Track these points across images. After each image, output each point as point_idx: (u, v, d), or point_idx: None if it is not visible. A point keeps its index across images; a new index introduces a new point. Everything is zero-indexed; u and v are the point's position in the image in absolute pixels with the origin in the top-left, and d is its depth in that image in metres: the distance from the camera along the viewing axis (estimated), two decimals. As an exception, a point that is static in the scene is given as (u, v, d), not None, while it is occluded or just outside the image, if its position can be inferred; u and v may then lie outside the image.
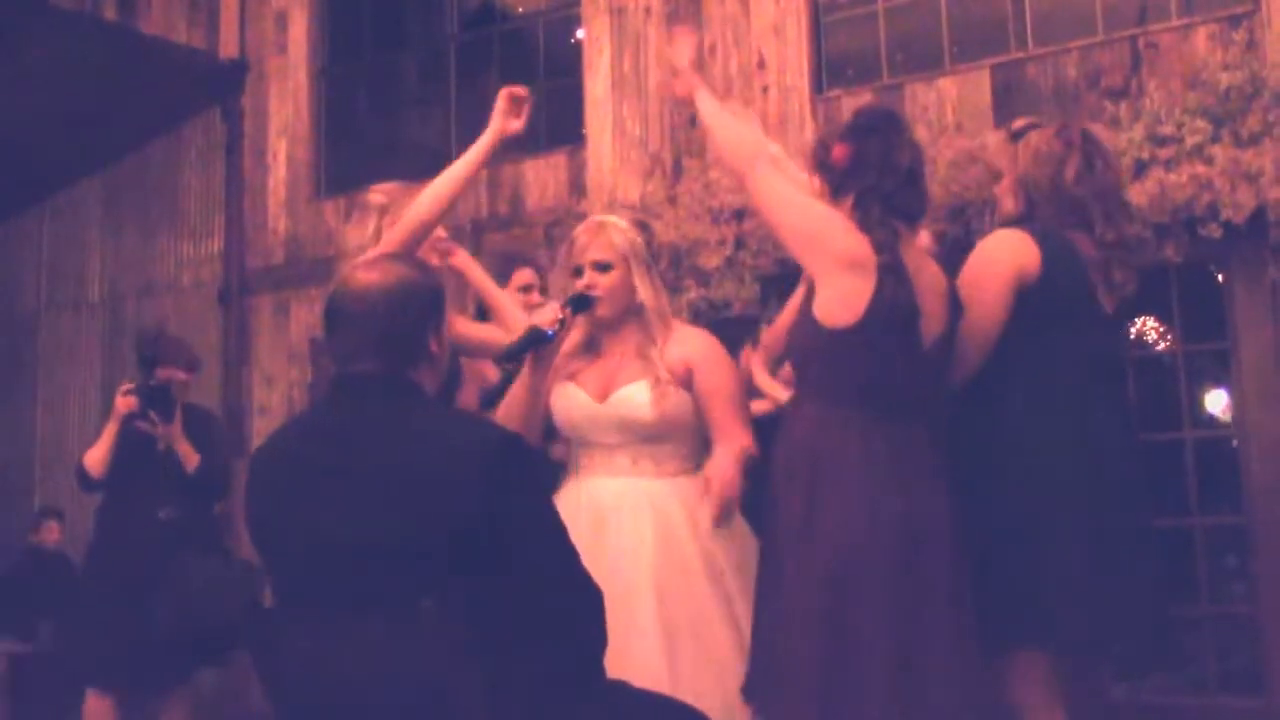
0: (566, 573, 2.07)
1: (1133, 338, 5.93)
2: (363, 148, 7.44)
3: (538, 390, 2.84)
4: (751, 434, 2.86)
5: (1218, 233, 4.49)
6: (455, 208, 3.10)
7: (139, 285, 7.85)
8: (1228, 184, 4.44)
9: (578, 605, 2.07)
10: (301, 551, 2.00)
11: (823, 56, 5.79)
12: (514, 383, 2.91)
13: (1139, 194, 4.49)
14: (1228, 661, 4.81)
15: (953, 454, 2.64)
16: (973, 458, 2.67)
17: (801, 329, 2.63)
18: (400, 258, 2.36)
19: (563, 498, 2.82)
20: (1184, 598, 4.60)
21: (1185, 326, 5.05)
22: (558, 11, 6.77)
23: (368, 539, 1.94)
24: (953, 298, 2.64)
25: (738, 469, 2.63)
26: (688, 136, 5.92)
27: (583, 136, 6.32)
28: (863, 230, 2.51)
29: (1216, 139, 4.54)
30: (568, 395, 2.91)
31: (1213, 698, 4.69)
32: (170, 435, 4.55)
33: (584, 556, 2.13)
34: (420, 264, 2.32)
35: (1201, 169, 4.50)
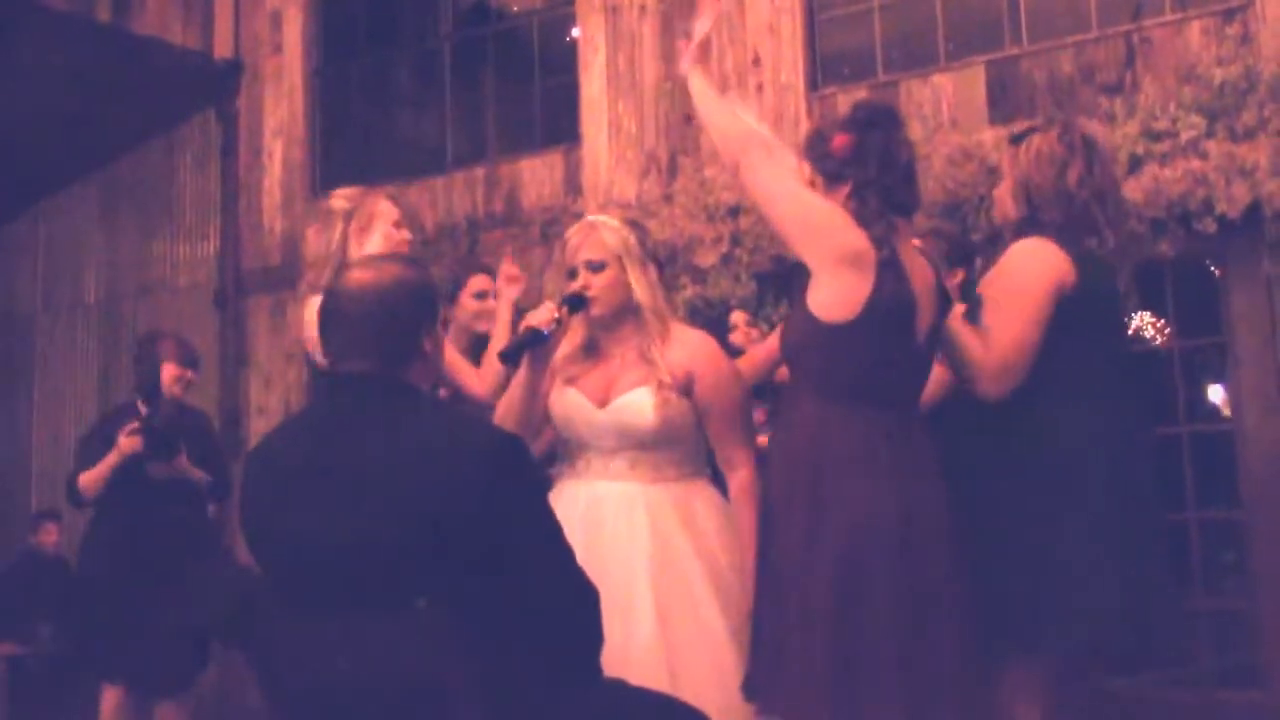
0: (562, 572, 2.07)
1: (1129, 333, 5.93)
2: (358, 148, 7.44)
3: (535, 390, 2.83)
4: (752, 453, 2.86)
5: (1212, 228, 4.49)
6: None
7: (135, 287, 7.84)
8: (1222, 179, 4.44)
9: (574, 605, 2.07)
10: (296, 551, 2.00)
11: (818, 54, 5.79)
12: (511, 382, 2.91)
13: (1134, 189, 4.49)
14: (1225, 656, 4.81)
15: (987, 458, 2.67)
16: (1009, 462, 2.68)
17: (797, 324, 2.62)
18: (395, 256, 2.36)
19: (560, 499, 2.81)
20: (1181, 593, 4.60)
21: (1180, 321, 5.05)
22: (552, 10, 6.77)
23: (362, 538, 1.94)
24: (940, 290, 2.64)
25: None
26: (683, 134, 5.92)
27: (578, 135, 6.32)
28: (859, 223, 2.50)
29: (1211, 134, 4.54)
30: (567, 400, 2.90)
31: (1210, 692, 4.69)
32: (178, 468, 4.56)
33: (580, 558, 2.13)
34: (415, 262, 2.31)
35: (1196, 164, 4.50)
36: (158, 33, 7.39)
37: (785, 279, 5.15)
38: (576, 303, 2.82)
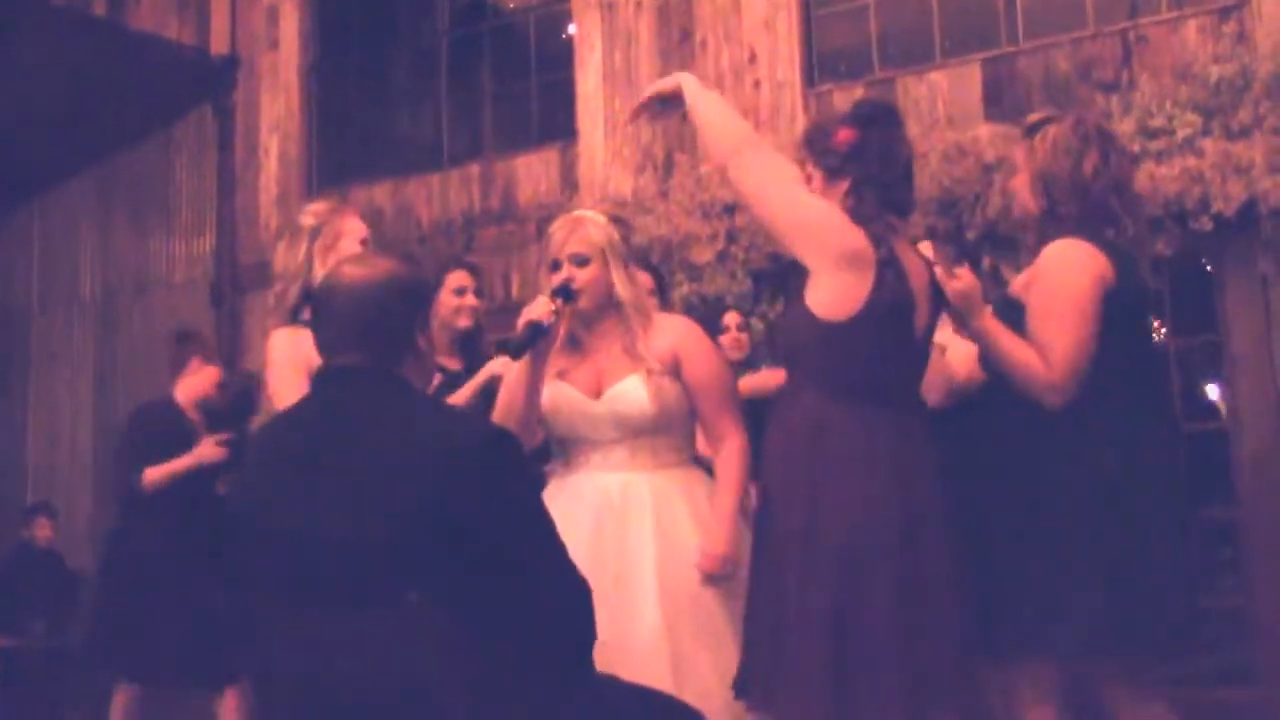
0: (554, 567, 2.06)
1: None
2: (354, 144, 7.44)
3: (537, 384, 2.85)
4: (742, 426, 2.87)
5: (1208, 225, 4.50)
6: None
7: (131, 283, 7.84)
8: (1218, 177, 4.45)
9: (565, 600, 2.06)
10: (287, 546, 2.00)
11: (814, 51, 5.79)
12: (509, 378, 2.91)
13: (1130, 187, 4.49)
14: (1221, 654, 4.81)
15: (1019, 457, 2.67)
16: (1043, 460, 2.66)
17: (795, 321, 2.62)
18: (388, 253, 2.36)
19: (562, 493, 2.82)
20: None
21: (1176, 319, 5.05)
22: (548, 7, 6.77)
23: (354, 534, 1.93)
24: (935, 288, 2.64)
25: (729, 548, 2.71)
26: (679, 131, 5.91)
27: (574, 132, 6.32)
28: (856, 220, 2.50)
29: (1207, 132, 4.55)
30: (559, 393, 2.90)
31: (1207, 690, 4.69)
32: None
33: (585, 549, 2.12)
34: (408, 258, 2.31)
35: (1192, 162, 4.50)
36: (154, 28, 7.40)
37: (781, 276, 5.15)
38: (568, 294, 2.84)
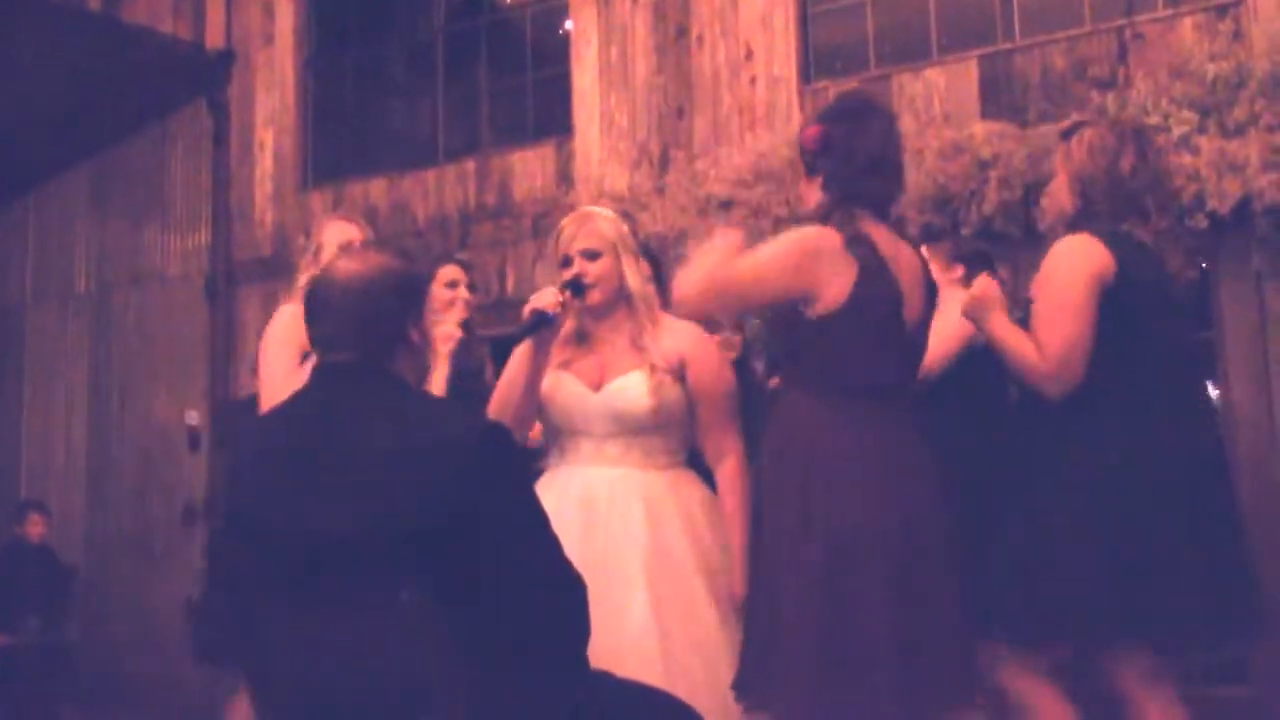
0: (549, 563, 2.06)
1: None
2: (350, 139, 7.42)
3: (537, 376, 2.86)
4: (740, 440, 2.88)
5: (1204, 223, 4.49)
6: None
7: (126, 277, 7.83)
8: (1214, 174, 4.44)
9: (560, 596, 2.06)
10: (281, 541, 1.99)
11: (810, 47, 5.78)
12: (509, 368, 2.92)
13: (1125, 185, 4.49)
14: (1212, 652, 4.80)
15: (1039, 455, 2.70)
16: (1060, 458, 2.69)
17: (783, 320, 2.64)
18: (382, 247, 2.36)
19: (551, 485, 2.82)
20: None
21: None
22: (545, 2, 6.75)
23: (347, 529, 1.93)
24: (927, 279, 2.65)
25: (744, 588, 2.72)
26: (675, 127, 5.91)
27: (570, 127, 6.31)
28: (822, 216, 2.56)
29: (1203, 129, 4.54)
30: (561, 384, 2.91)
31: (1198, 687, 4.69)
32: None
33: (574, 545, 2.12)
34: (402, 253, 2.31)
35: (1188, 159, 4.50)
36: (149, 22, 7.36)
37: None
38: (578, 288, 2.86)
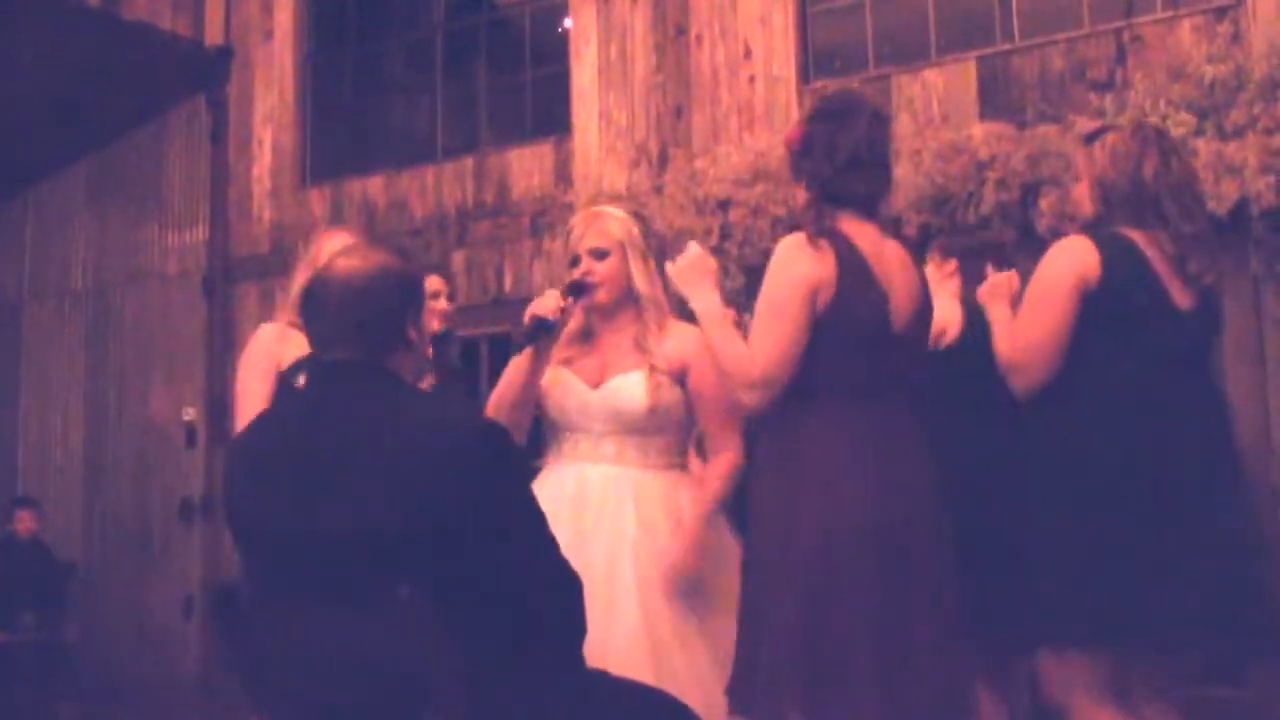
0: (545, 561, 2.06)
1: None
2: (348, 136, 7.42)
3: (535, 379, 2.85)
4: (741, 444, 2.87)
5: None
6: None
7: (124, 274, 7.82)
8: (1211, 176, 4.44)
9: (556, 594, 2.07)
10: (278, 539, 1.99)
11: (809, 47, 5.79)
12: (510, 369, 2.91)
13: (1123, 186, 4.50)
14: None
15: (1021, 456, 2.72)
16: (1038, 460, 2.70)
17: None
18: (379, 245, 2.35)
19: (546, 481, 2.82)
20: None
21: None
22: (544, 1, 6.75)
23: (344, 527, 1.93)
24: (920, 276, 2.65)
25: (692, 554, 2.70)
26: (674, 126, 5.91)
27: (569, 126, 6.31)
28: (802, 215, 2.58)
29: (1201, 132, 4.55)
30: (562, 381, 2.91)
31: (1196, 689, 4.70)
32: None
33: (565, 542, 2.12)
34: (399, 251, 2.30)
35: (1186, 161, 4.51)
36: (148, 18, 7.37)
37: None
38: (580, 290, 2.85)
